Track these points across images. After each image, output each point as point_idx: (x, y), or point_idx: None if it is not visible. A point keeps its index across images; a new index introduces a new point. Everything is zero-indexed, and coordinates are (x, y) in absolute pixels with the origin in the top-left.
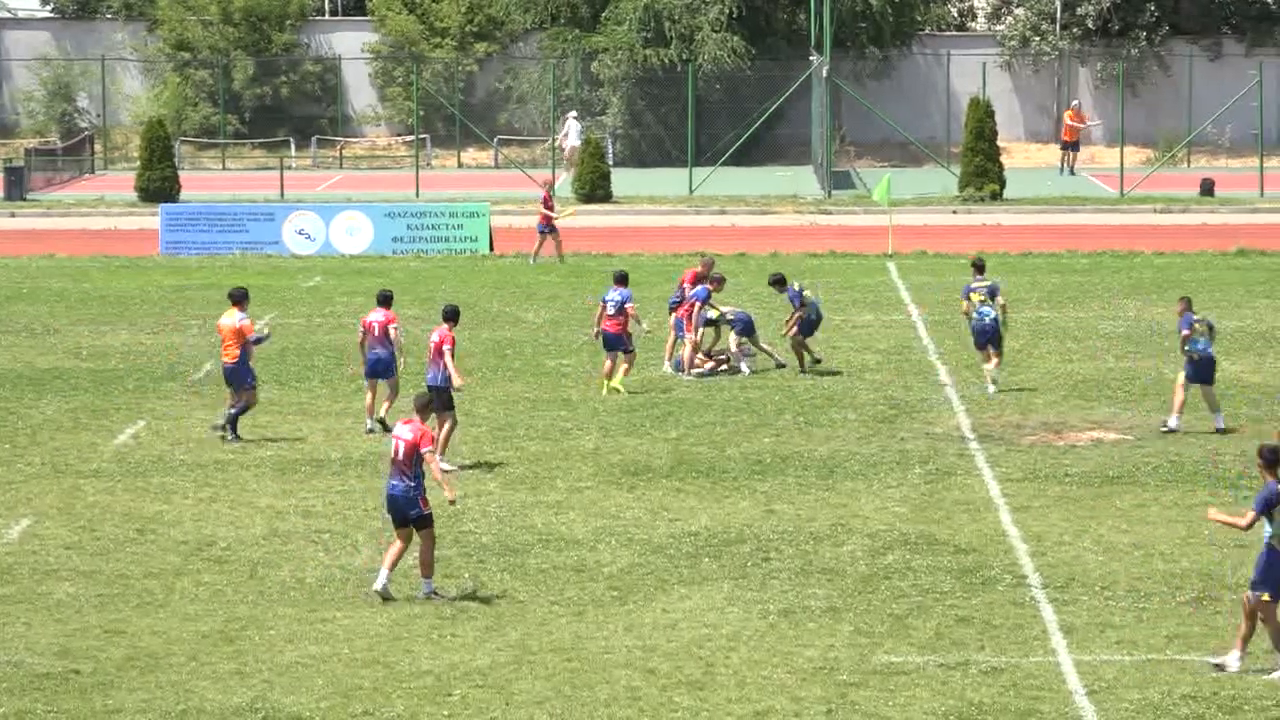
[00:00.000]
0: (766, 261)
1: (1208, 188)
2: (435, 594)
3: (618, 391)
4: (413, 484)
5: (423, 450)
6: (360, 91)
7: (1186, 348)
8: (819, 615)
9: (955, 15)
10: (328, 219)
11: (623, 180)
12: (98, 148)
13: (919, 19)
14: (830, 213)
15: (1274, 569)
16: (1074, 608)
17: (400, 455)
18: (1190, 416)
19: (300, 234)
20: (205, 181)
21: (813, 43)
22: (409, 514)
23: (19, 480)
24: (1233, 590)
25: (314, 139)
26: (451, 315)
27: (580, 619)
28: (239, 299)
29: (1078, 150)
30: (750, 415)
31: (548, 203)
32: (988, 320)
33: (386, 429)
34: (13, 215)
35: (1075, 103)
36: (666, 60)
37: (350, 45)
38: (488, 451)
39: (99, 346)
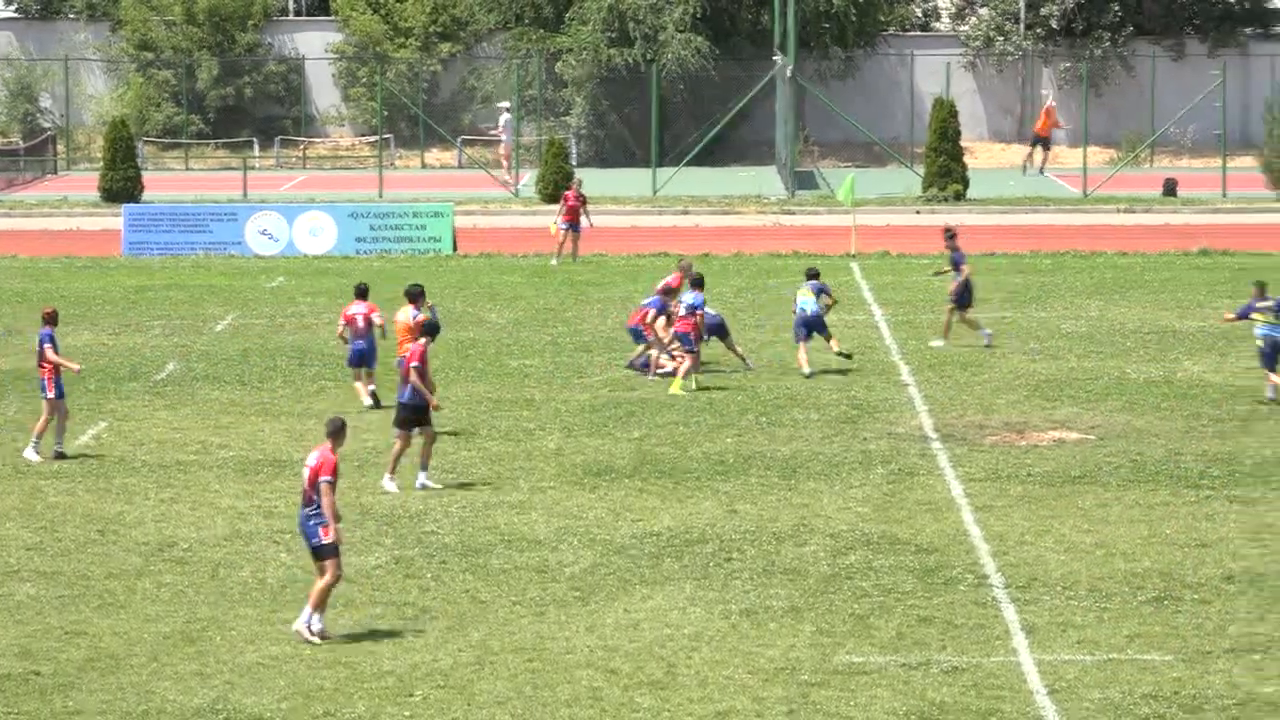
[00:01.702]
0: (730, 262)
1: (1170, 188)
2: (322, 635)
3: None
4: (314, 511)
5: (321, 479)
6: (324, 92)
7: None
8: (781, 615)
9: (919, 15)
10: (291, 219)
11: (586, 180)
12: (60, 148)
13: (883, 19)
14: (794, 213)
15: None
16: (1035, 607)
17: (307, 483)
18: (1153, 416)
19: (263, 234)
20: (168, 182)
21: (776, 43)
22: (310, 542)
23: None
24: (1193, 589)
25: (277, 139)
26: (430, 330)
27: (542, 619)
28: (416, 296)
29: (1049, 148)
30: (713, 415)
31: (572, 199)
32: (809, 311)
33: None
34: None
35: (1053, 101)
36: (630, 60)
37: (314, 45)
38: (450, 452)
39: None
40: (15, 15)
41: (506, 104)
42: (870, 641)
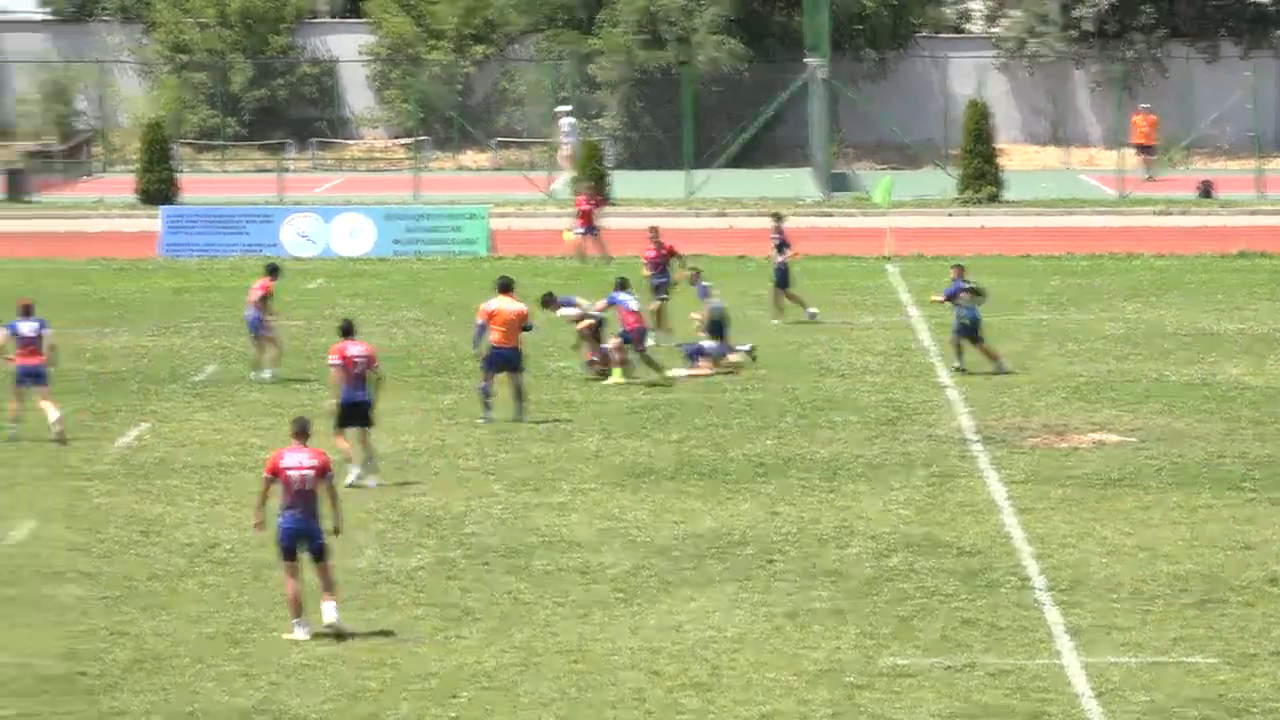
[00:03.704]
0: (766, 264)
1: (1206, 190)
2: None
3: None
4: (310, 513)
5: (329, 477)
6: (358, 94)
7: None
8: (824, 617)
9: (952, 17)
10: (329, 221)
11: (621, 183)
12: (97, 150)
13: (916, 21)
14: (829, 215)
15: None
16: (1079, 610)
17: (302, 485)
18: (1193, 418)
19: (301, 236)
20: (204, 184)
21: (810, 45)
22: (314, 544)
23: (23, 483)
24: (1238, 592)
25: (312, 141)
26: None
27: (585, 621)
28: (508, 287)
29: (1154, 154)
30: (752, 417)
31: (584, 203)
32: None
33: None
34: (12, 218)
35: (1145, 105)
36: (663, 62)
37: (347, 48)
38: (490, 454)
39: (100, 349)
40: (49, 17)
41: (567, 107)
42: (914, 644)
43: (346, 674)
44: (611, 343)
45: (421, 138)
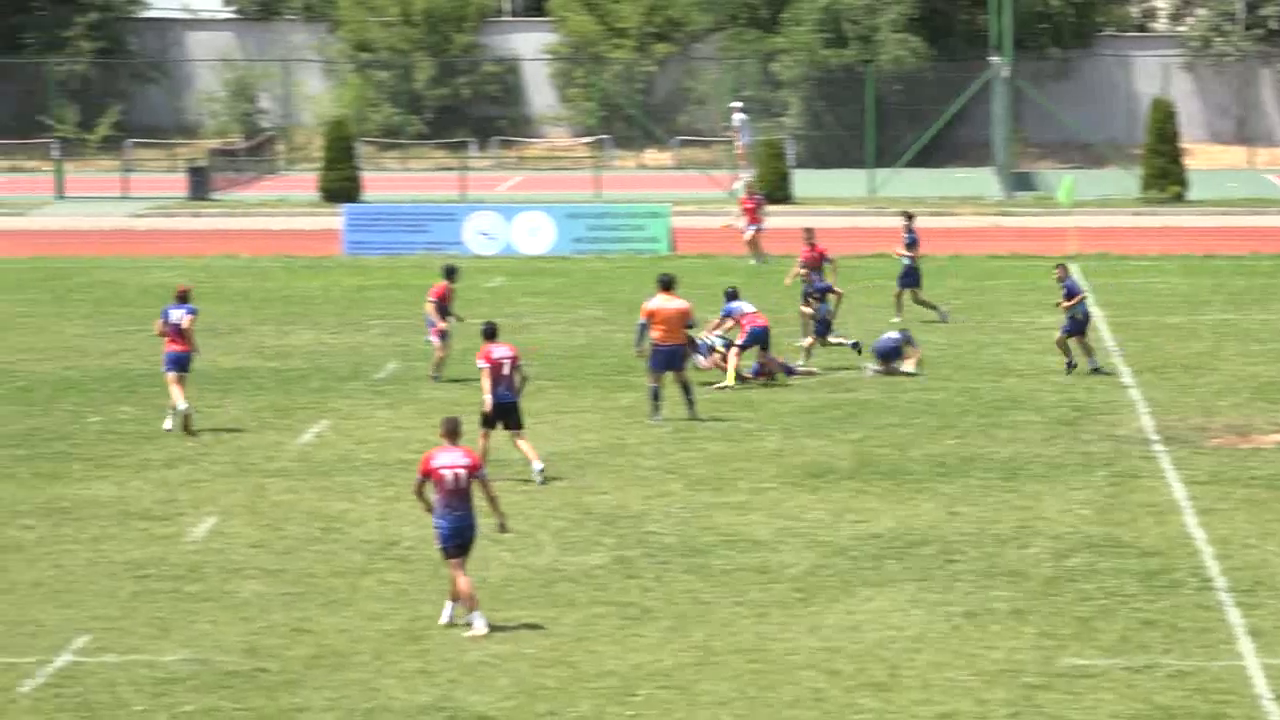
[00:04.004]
0: (948, 264)
1: None
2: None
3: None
4: (468, 509)
5: (482, 473)
6: (540, 92)
7: None
8: (1004, 618)
9: (1136, 16)
10: (509, 219)
11: (803, 181)
12: (280, 148)
13: (1099, 20)
14: (1011, 214)
15: None
16: (1261, 611)
17: (456, 482)
18: None
19: (482, 234)
20: (386, 182)
21: (993, 44)
22: (467, 539)
23: (205, 479)
24: None
25: (494, 140)
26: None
27: (764, 620)
28: (669, 284)
29: None
30: (933, 417)
31: (748, 203)
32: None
33: None
34: (196, 215)
35: None
36: (846, 61)
37: (530, 46)
38: (670, 453)
39: (282, 346)
40: (235, 16)
41: (739, 103)
42: (1094, 644)
43: (525, 672)
44: (730, 349)
45: (603, 136)
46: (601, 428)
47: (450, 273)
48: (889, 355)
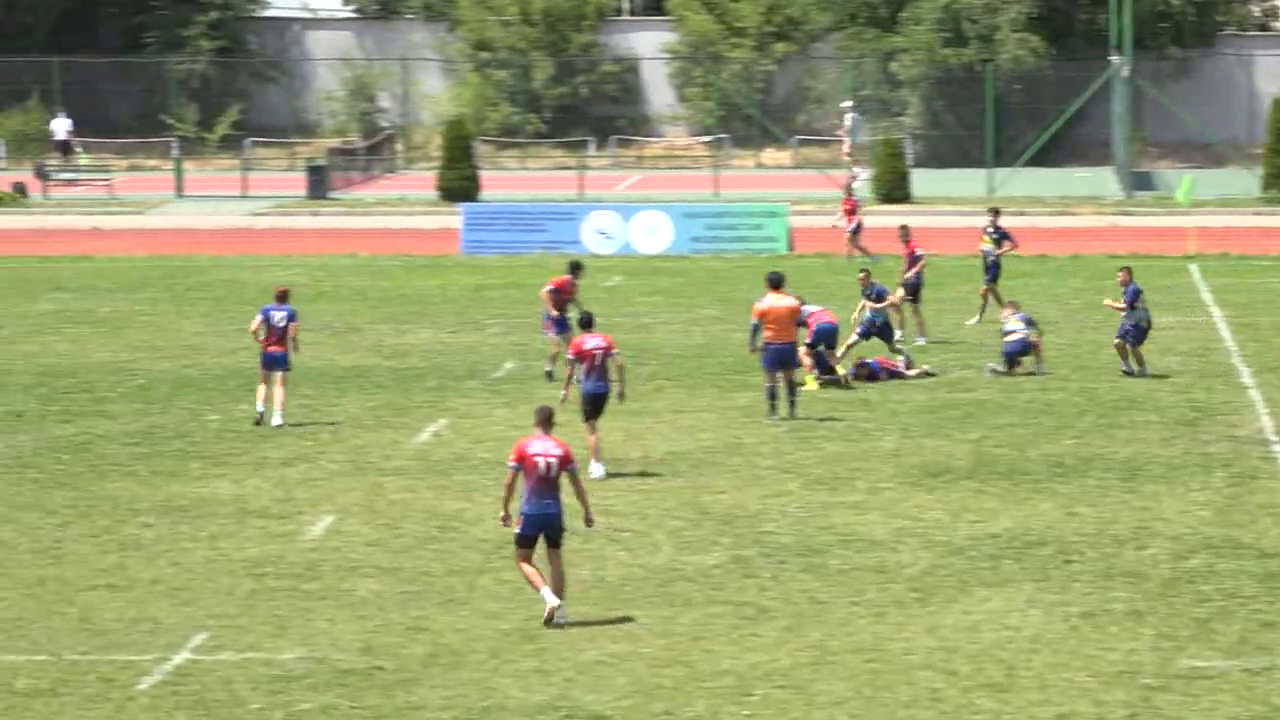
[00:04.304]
0: (1067, 263)
1: None
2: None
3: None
4: (555, 499)
5: (572, 466)
6: (659, 91)
7: None
8: (1121, 618)
9: (1258, 15)
10: (627, 219)
11: (922, 181)
12: (398, 147)
13: (1220, 19)
14: (1131, 214)
15: None
16: None
17: (547, 471)
18: None
19: (600, 234)
20: (505, 181)
21: (1113, 43)
22: (557, 529)
23: (322, 477)
24: None
25: (613, 139)
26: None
27: (881, 620)
28: (778, 283)
29: None
30: (1051, 417)
31: (848, 202)
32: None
33: None
34: (315, 214)
35: None
36: (965, 60)
37: (649, 45)
38: (787, 452)
39: (400, 345)
40: (354, 15)
41: (850, 102)
42: (1213, 646)
43: (641, 671)
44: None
45: (721, 135)
46: (719, 427)
47: (575, 268)
48: (1018, 353)
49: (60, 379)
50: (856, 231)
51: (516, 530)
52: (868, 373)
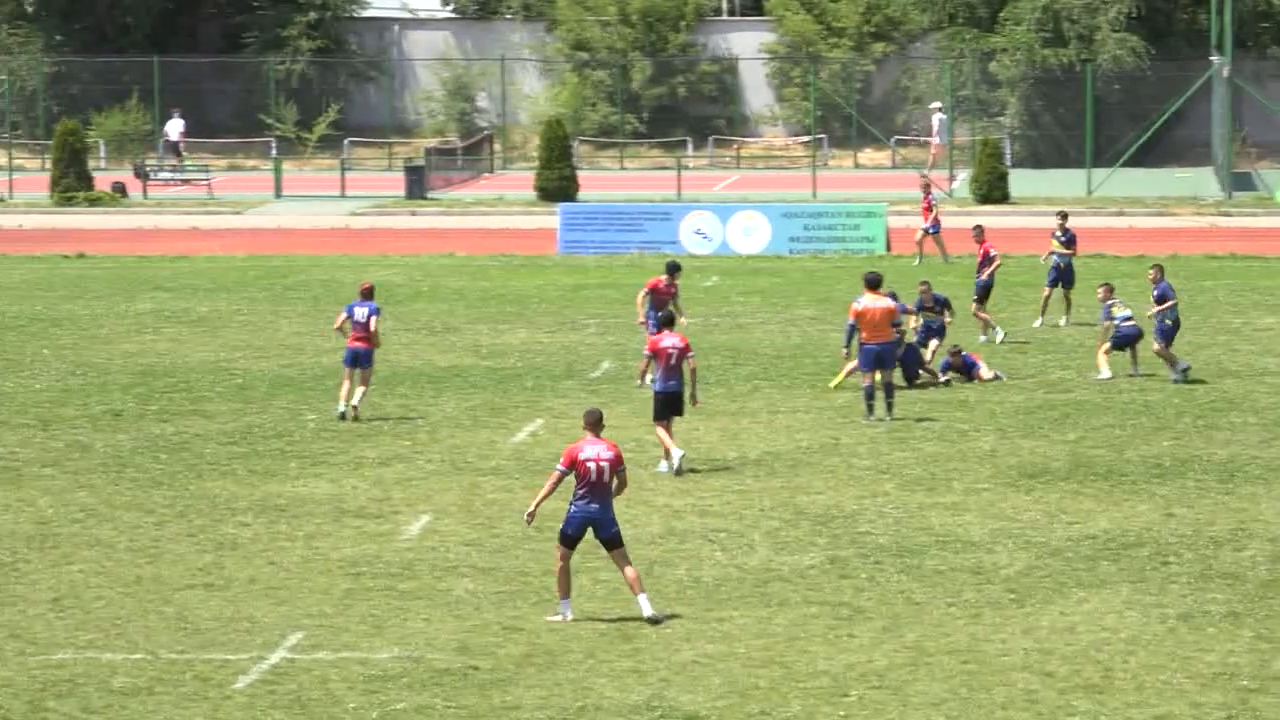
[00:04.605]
0: (1165, 264)
1: None
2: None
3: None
4: (608, 503)
5: (622, 468)
6: (757, 92)
7: None
8: (1219, 620)
9: None
10: (725, 219)
11: (1020, 181)
12: (496, 147)
13: None
14: (1230, 214)
15: None
16: None
17: (598, 475)
18: None
19: (697, 234)
20: (602, 181)
21: (1213, 43)
22: (610, 532)
23: (419, 477)
24: None
25: (710, 139)
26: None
27: (977, 621)
28: (875, 283)
29: None
30: (1149, 418)
31: (926, 201)
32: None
33: None
34: (413, 214)
35: None
36: (1065, 60)
37: (747, 45)
38: (884, 453)
39: (497, 345)
40: (453, 16)
41: (940, 104)
42: None
43: (737, 671)
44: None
45: (820, 135)
46: (815, 427)
47: (673, 269)
48: (1137, 338)
49: (159, 378)
50: (936, 232)
51: (561, 530)
52: (960, 363)
